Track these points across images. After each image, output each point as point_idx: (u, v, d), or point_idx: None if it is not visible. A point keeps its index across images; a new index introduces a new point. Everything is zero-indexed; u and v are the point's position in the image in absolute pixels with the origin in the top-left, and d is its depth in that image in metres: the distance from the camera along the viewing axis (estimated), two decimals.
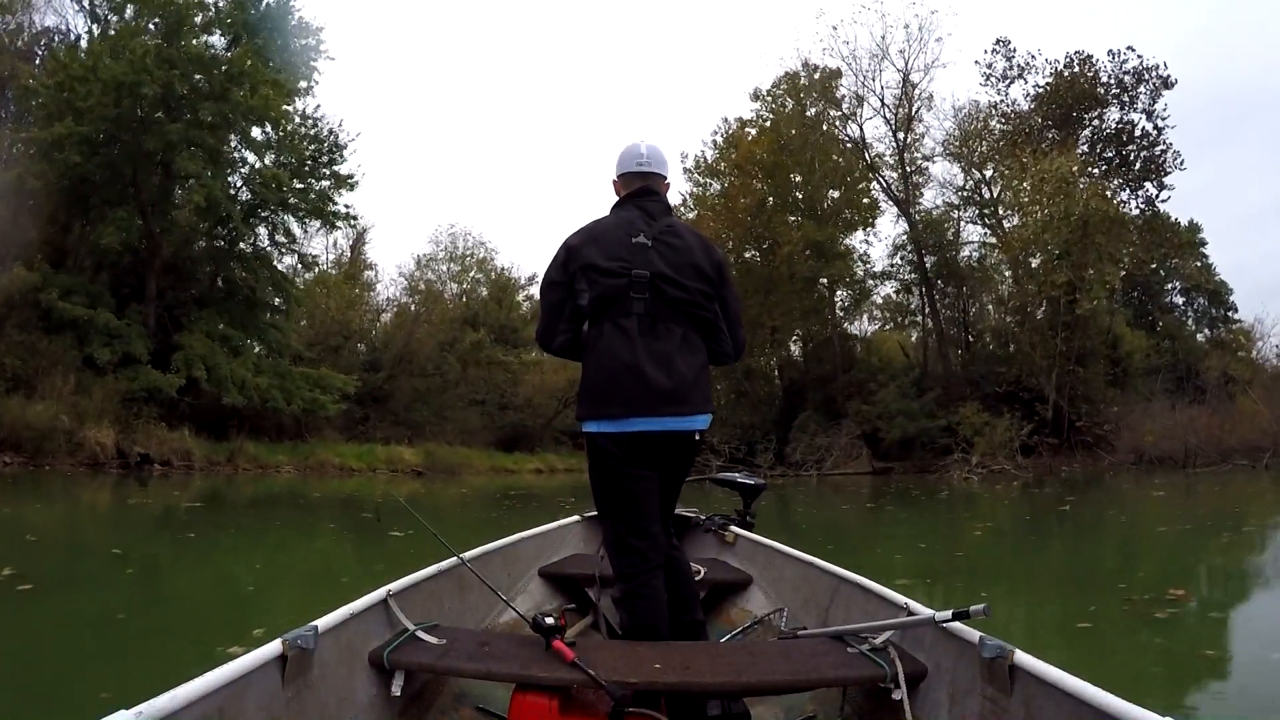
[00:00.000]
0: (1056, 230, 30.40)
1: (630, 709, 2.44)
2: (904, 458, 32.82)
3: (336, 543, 11.25)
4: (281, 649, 2.22)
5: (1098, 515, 14.68)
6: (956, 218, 38.43)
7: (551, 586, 4.62)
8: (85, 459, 21.22)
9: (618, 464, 3.01)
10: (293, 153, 29.17)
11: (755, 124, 40.16)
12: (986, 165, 36.65)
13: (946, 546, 10.85)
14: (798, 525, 13.77)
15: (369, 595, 2.81)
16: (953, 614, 2.55)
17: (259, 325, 29.56)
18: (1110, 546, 10.60)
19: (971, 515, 16.06)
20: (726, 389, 40.74)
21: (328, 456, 28.22)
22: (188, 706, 1.81)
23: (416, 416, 35.94)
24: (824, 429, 34.84)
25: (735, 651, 3.01)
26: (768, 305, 36.83)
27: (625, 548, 3.07)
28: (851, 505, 19.28)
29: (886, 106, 37.43)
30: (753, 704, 2.86)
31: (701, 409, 3.04)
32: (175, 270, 28.47)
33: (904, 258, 39.14)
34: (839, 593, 3.58)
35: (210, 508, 14.92)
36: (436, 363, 38.49)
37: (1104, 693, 1.91)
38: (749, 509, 5.78)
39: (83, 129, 23.98)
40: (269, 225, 30.05)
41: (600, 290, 2.99)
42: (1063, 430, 31.65)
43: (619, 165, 3.32)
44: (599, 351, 2.99)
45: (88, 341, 23.63)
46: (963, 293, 38.14)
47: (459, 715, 2.95)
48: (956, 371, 35.96)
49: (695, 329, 3.09)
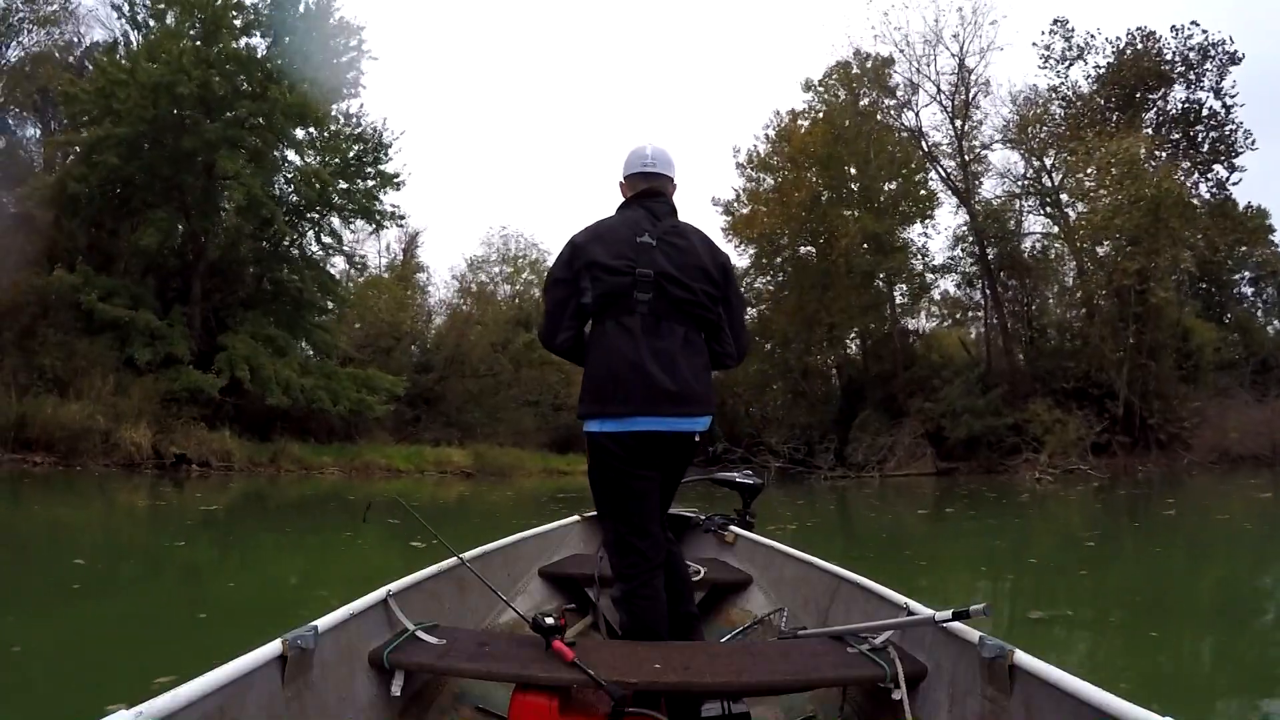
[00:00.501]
0: (1129, 215, 28.40)
1: (630, 709, 2.42)
2: (968, 458, 30.82)
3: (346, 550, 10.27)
4: (281, 649, 2.20)
5: (1204, 519, 13.12)
6: (1018, 207, 36.20)
7: (551, 586, 4.55)
8: (120, 459, 20.59)
9: (619, 464, 2.98)
10: (336, 153, 28.38)
11: (808, 115, 38.44)
12: (1047, 152, 34.57)
13: (1053, 569, 8.89)
14: (858, 532, 12.41)
15: (369, 595, 2.80)
16: (953, 614, 2.53)
17: (306, 326, 28.83)
18: (1249, 565, 9.00)
19: (1068, 524, 14.24)
20: (783, 389, 39.55)
21: (374, 458, 27.21)
22: (188, 706, 1.78)
23: (469, 418, 35.05)
24: (885, 428, 33.03)
25: (735, 651, 3.00)
26: (825, 302, 35.29)
27: (626, 548, 3.05)
28: (925, 511, 17.57)
29: (943, 93, 35.40)
30: (753, 704, 2.76)
31: (703, 410, 3.02)
32: (221, 273, 27.82)
33: (965, 250, 37.01)
34: (839, 593, 3.56)
35: (238, 510, 14.34)
36: (489, 364, 37.53)
37: (1104, 693, 1.88)
38: (749, 509, 5.67)
39: (121, 131, 23.51)
40: (315, 226, 29.33)
41: (604, 288, 2.97)
42: (1134, 428, 29.67)
43: (626, 167, 3.28)
44: (602, 350, 2.98)
45: (129, 342, 23.07)
46: (1025, 285, 36.04)
47: (459, 715, 2.93)
48: (1022, 367, 33.91)
49: (698, 330, 3.08)
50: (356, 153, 28.67)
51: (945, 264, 38.09)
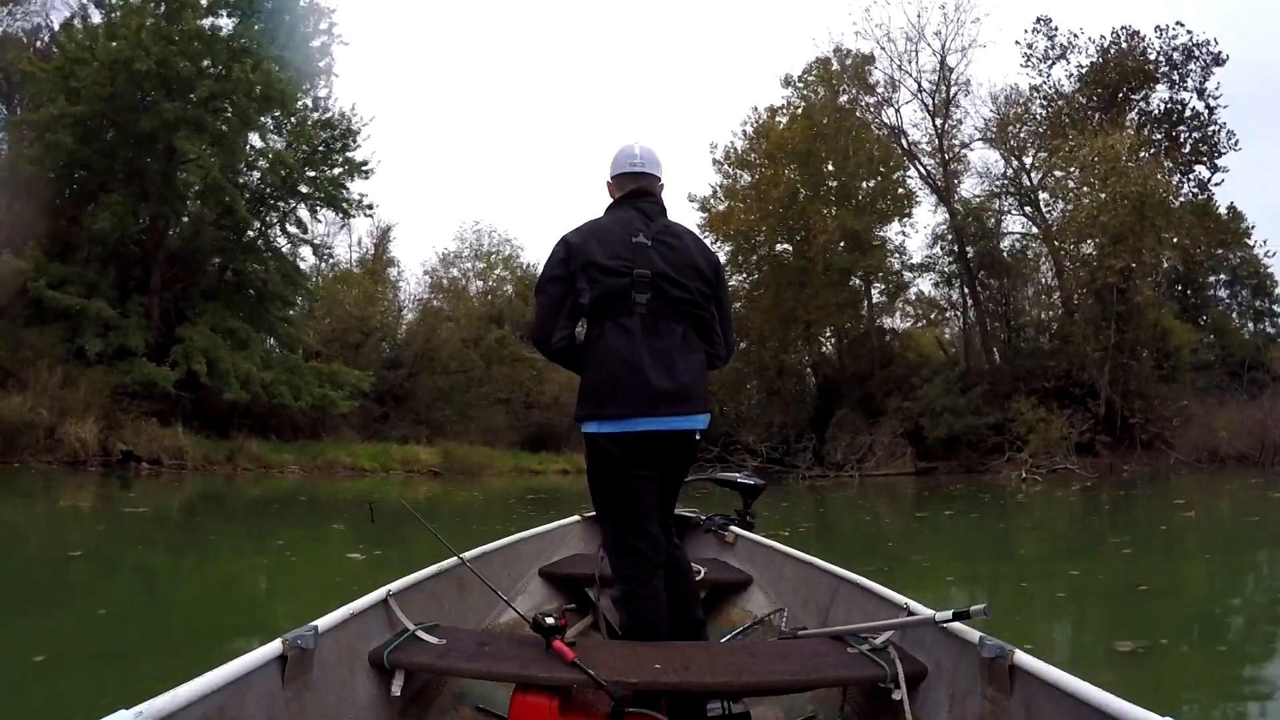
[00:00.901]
0: (1114, 212, 27.52)
1: (630, 709, 2.37)
2: (948, 457, 29.93)
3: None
4: (281, 649, 2.15)
5: (1232, 521, 12.06)
6: (998, 206, 35.23)
7: (551, 586, 4.48)
8: (64, 456, 19.12)
9: (618, 465, 2.92)
10: (303, 138, 26.99)
11: (786, 111, 37.44)
12: (1027, 151, 33.80)
13: (1103, 583, 7.54)
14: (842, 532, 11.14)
15: (369, 595, 2.75)
16: (953, 614, 2.48)
17: (269, 320, 27.44)
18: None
19: (1087, 527, 13.12)
20: (758, 387, 38.60)
21: (338, 456, 25.80)
22: (188, 706, 1.76)
23: (439, 415, 33.65)
24: (864, 427, 32.04)
25: (735, 651, 2.97)
26: (802, 299, 34.27)
27: (625, 548, 2.98)
28: (924, 514, 16.32)
29: (924, 90, 34.49)
30: (753, 704, 2.75)
31: (701, 409, 2.98)
32: (184, 262, 26.35)
33: (944, 248, 36.12)
34: (839, 593, 3.49)
35: (170, 513, 12.88)
36: (460, 360, 36.08)
37: (1104, 693, 1.85)
38: (749, 509, 5.60)
39: (77, 110, 22.14)
40: (280, 215, 27.96)
41: (602, 289, 2.90)
42: (1115, 428, 28.83)
43: (613, 166, 3.20)
44: (601, 352, 2.91)
45: (79, 333, 21.61)
46: (1004, 285, 35.13)
47: (459, 715, 2.88)
48: (1001, 367, 32.95)
49: (694, 329, 3.03)
50: (324, 139, 27.33)
51: (923, 262, 37.21)
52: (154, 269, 24.74)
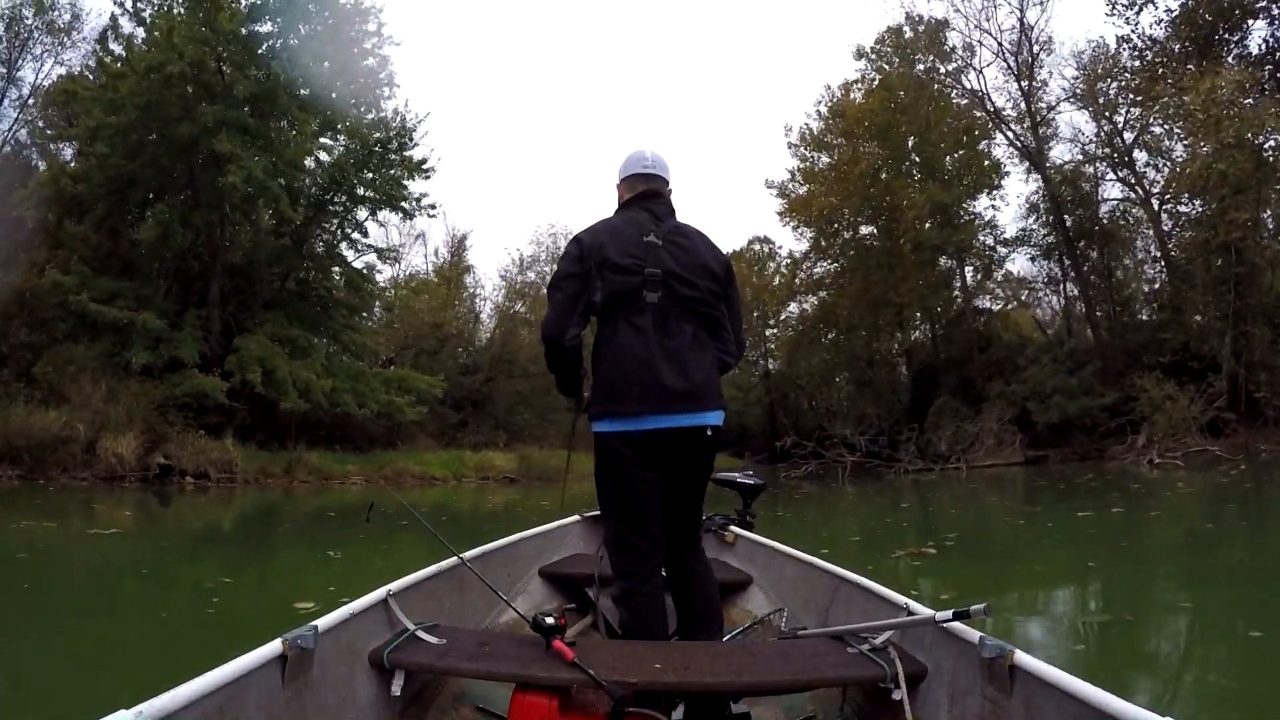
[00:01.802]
0: (1232, 159, 23.91)
1: (630, 709, 2.28)
2: (1059, 444, 26.36)
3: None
4: (281, 649, 2.10)
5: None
6: (1093, 171, 31.47)
7: (551, 586, 4.30)
8: (100, 472, 17.48)
9: (628, 464, 2.81)
10: (357, 137, 25.12)
11: (862, 85, 34.57)
12: (1119, 109, 30.14)
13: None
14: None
15: (369, 595, 2.67)
16: (953, 614, 2.41)
17: (333, 327, 25.64)
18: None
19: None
20: (848, 378, 35.87)
21: (407, 465, 23.74)
22: (188, 706, 1.71)
23: (518, 420, 31.75)
24: (968, 416, 28.66)
25: (735, 651, 2.79)
26: (890, 283, 31.58)
27: (626, 545, 2.88)
28: (1087, 513, 13.18)
29: (1005, 49, 31.34)
30: (753, 704, 2.72)
31: (714, 405, 2.87)
32: (243, 274, 24.71)
33: (1039, 220, 32.53)
34: (839, 593, 3.39)
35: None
36: (539, 363, 34.29)
37: (1104, 693, 1.80)
38: (749, 509, 5.32)
39: (114, 120, 20.71)
40: (339, 220, 26.19)
41: (613, 288, 2.82)
42: (1240, 403, 25.42)
43: (623, 169, 3.14)
44: (613, 350, 2.83)
45: (129, 346, 20.10)
46: (1105, 255, 31.66)
47: (459, 715, 2.80)
48: (1110, 342, 29.55)
49: (704, 327, 2.94)
50: (378, 139, 25.37)
51: (1018, 236, 33.54)
52: (213, 282, 23.21)
